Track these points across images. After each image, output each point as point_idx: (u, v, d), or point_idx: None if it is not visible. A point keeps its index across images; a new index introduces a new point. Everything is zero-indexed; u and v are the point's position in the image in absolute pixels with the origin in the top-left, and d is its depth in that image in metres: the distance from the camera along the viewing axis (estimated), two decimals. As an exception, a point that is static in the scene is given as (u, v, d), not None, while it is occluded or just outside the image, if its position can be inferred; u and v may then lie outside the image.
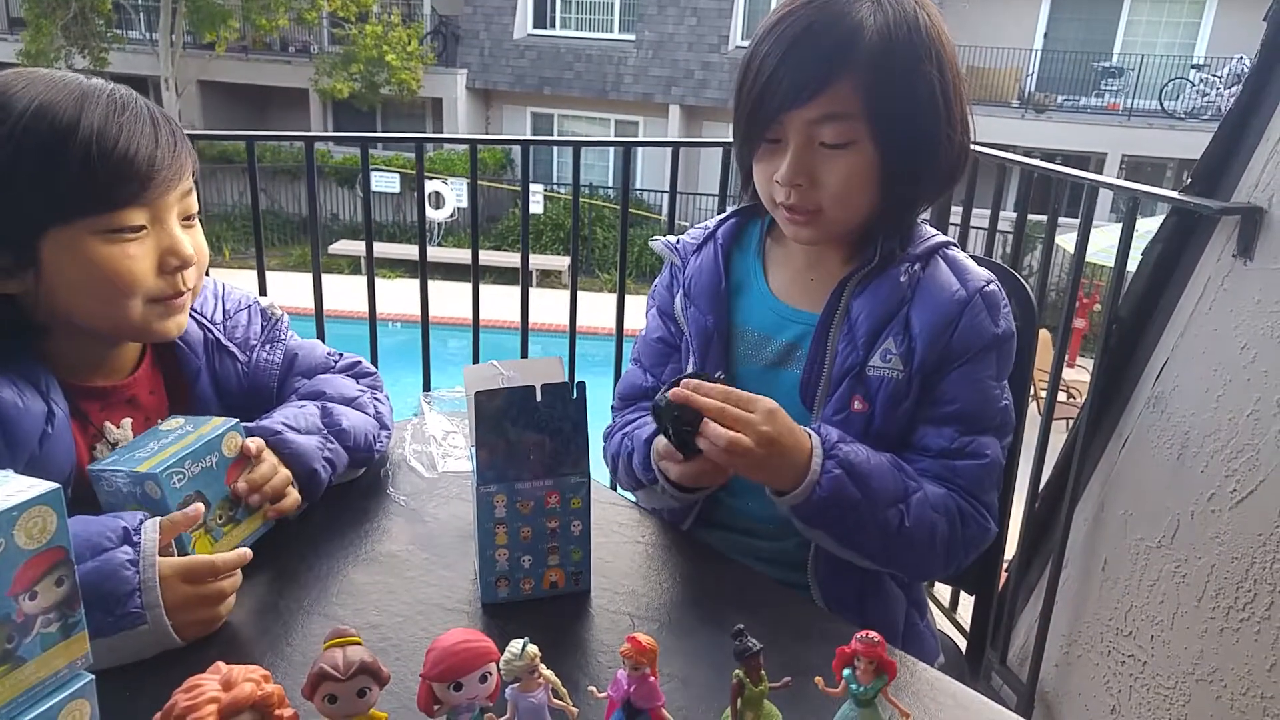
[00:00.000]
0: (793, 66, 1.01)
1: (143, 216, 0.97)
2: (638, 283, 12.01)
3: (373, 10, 14.89)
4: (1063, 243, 5.59)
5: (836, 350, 1.11)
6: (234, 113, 16.51)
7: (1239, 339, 1.61)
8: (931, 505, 1.06)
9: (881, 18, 1.01)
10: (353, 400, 1.18)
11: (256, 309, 1.22)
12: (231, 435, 0.99)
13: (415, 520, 1.11)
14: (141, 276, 0.98)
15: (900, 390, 1.09)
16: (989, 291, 1.10)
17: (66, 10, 13.56)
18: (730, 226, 1.24)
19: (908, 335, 1.08)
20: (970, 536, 1.09)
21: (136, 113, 0.96)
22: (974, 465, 1.09)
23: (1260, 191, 1.61)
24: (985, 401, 1.10)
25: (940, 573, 1.14)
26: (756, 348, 1.18)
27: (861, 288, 1.11)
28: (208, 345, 1.15)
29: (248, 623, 0.92)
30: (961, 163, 1.11)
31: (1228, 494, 1.60)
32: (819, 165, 1.05)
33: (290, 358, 1.22)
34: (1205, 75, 13.47)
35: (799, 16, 1.02)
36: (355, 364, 1.28)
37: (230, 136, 2.58)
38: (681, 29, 14.96)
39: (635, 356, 1.32)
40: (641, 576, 1.02)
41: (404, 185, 13.92)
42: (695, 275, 1.22)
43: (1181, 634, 1.69)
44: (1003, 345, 1.11)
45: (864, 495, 1.01)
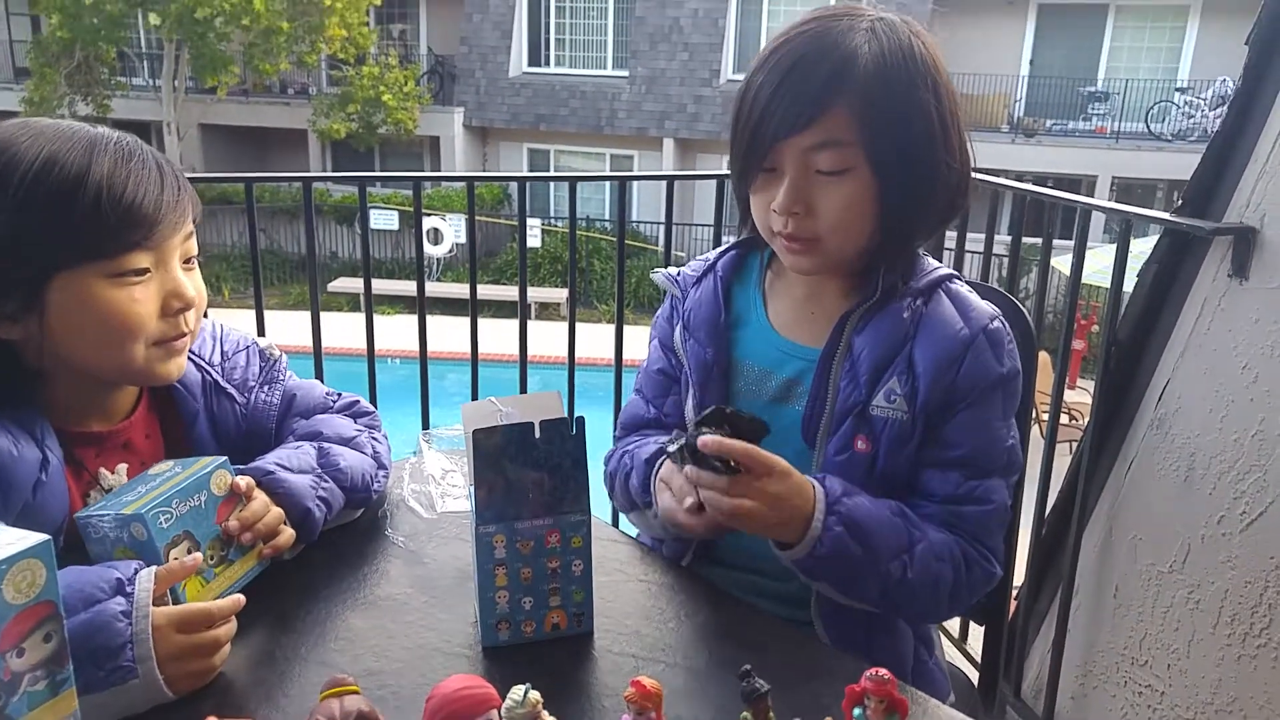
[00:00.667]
0: (787, 94, 1.01)
1: (147, 260, 0.98)
2: (636, 313, 12.04)
3: (370, 52, 15.06)
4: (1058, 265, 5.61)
5: (839, 388, 1.09)
6: (234, 154, 16.66)
7: (1239, 359, 1.60)
8: (935, 554, 1.04)
9: (876, 45, 1.01)
10: (350, 440, 1.17)
11: (255, 350, 1.22)
12: (220, 473, 0.98)
13: (414, 562, 1.10)
14: (145, 319, 0.99)
15: (905, 432, 1.07)
16: (993, 329, 1.09)
17: (71, 59, 13.77)
18: (730, 259, 1.23)
19: (911, 374, 1.07)
20: (974, 581, 1.08)
21: (143, 160, 0.98)
22: (980, 511, 1.08)
23: (1252, 211, 1.61)
24: (991, 444, 1.08)
25: (943, 618, 1.14)
26: (757, 383, 1.16)
27: (863, 323, 1.10)
28: (205, 387, 1.14)
29: (241, 672, 0.90)
30: (962, 192, 1.10)
31: (1237, 516, 1.58)
32: (815, 193, 1.04)
33: (289, 398, 1.21)
34: (1190, 97, 13.61)
35: (793, 46, 1.03)
36: (353, 403, 1.27)
37: (230, 179, 2.59)
38: (674, 64, 15.12)
39: (638, 387, 1.31)
40: (644, 616, 1.00)
41: (402, 222, 14.00)
42: (695, 308, 1.21)
43: (1199, 662, 1.67)
44: (1008, 384, 1.09)
45: (865, 551, 1.00)
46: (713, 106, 14.83)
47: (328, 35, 13.84)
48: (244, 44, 13.78)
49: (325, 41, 14.03)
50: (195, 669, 0.86)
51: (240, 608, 0.90)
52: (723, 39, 14.92)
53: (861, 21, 1.03)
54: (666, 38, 15.14)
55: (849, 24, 1.03)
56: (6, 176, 0.92)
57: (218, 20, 13.05)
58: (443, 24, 16.54)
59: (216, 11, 12.87)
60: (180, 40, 13.73)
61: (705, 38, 14.99)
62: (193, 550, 0.93)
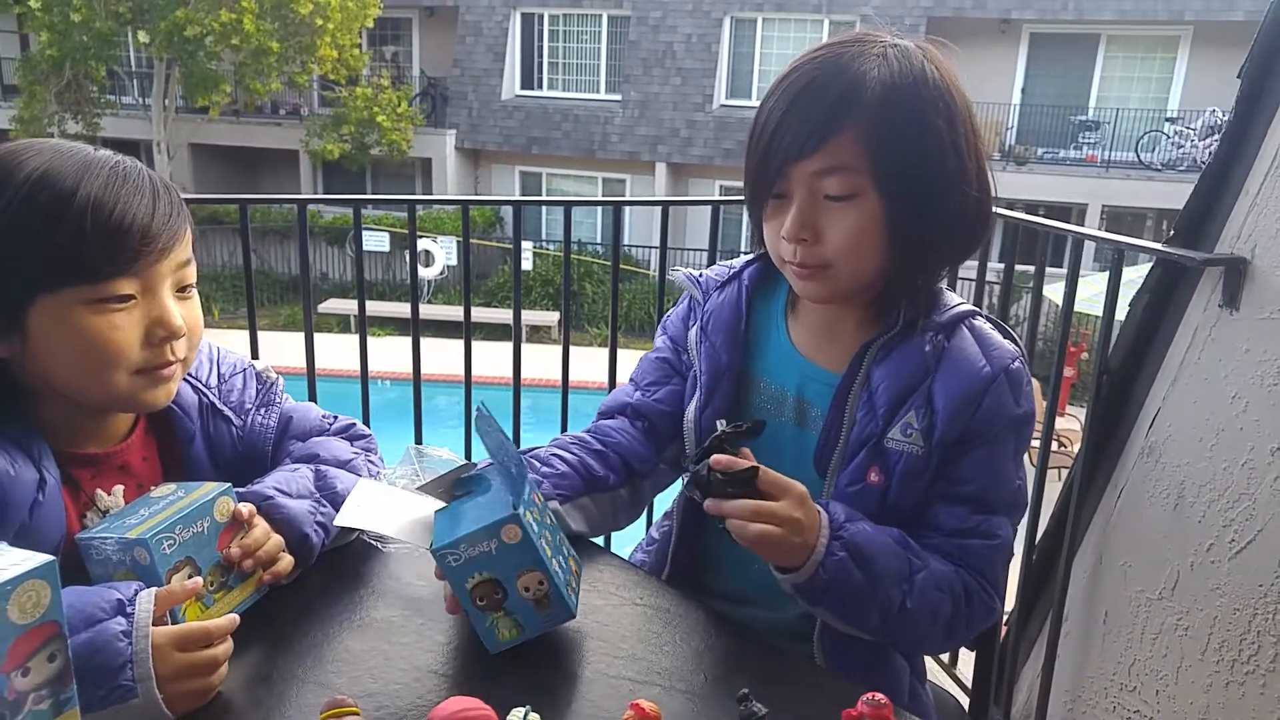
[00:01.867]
0: (795, 119, 1.00)
1: (132, 286, 0.96)
2: (627, 336, 12.05)
3: (363, 73, 15.11)
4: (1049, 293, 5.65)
5: (855, 418, 1.09)
6: (225, 174, 16.66)
7: (1229, 388, 1.61)
8: (936, 584, 1.04)
9: (885, 70, 1.00)
10: (347, 463, 1.17)
11: (251, 373, 1.22)
12: (223, 500, 0.98)
13: (409, 584, 1.10)
14: (126, 348, 0.97)
15: (919, 466, 1.07)
16: (1014, 370, 1.08)
17: (60, 77, 13.73)
18: (756, 270, 1.22)
19: (930, 410, 1.06)
20: (973, 615, 1.08)
21: (138, 185, 0.96)
22: (985, 545, 1.08)
23: (1243, 242, 1.62)
24: (1001, 482, 1.09)
25: (939, 649, 1.15)
26: (775, 402, 1.16)
27: (884, 355, 1.09)
28: (202, 410, 1.14)
29: (240, 694, 0.90)
30: (983, 222, 1.09)
31: (1226, 544, 1.59)
32: (823, 219, 1.03)
33: (285, 421, 1.21)
34: (1179, 127, 13.72)
35: (803, 72, 1.03)
36: (350, 426, 1.27)
37: (225, 200, 2.60)
38: (666, 89, 15.22)
39: (632, 376, 1.30)
40: (640, 639, 1.01)
41: (394, 244, 14.00)
42: (716, 311, 1.20)
43: (1187, 688, 1.67)
44: (1023, 426, 1.09)
45: (867, 577, 1.00)
46: (705, 131, 14.93)
47: (319, 56, 13.86)
48: (235, 63, 13.78)
49: (317, 62, 14.05)
50: (194, 688, 0.86)
51: (236, 627, 0.90)
52: (716, 64, 15.04)
53: (874, 47, 1.02)
54: (660, 62, 15.26)
55: (860, 49, 1.02)
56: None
57: (208, 39, 13.06)
58: (435, 46, 16.63)
59: (206, 30, 12.87)
60: (170, 59, 13.74)
61: (698, 63, 15.11)
62: (194, 575, 0.93)
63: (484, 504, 0.96)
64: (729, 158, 14.41)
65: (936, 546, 1.07)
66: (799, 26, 14.95)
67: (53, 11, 12.90)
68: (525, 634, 0.94)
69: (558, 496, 1.13)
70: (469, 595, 0.92)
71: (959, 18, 14.41)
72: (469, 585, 0.92)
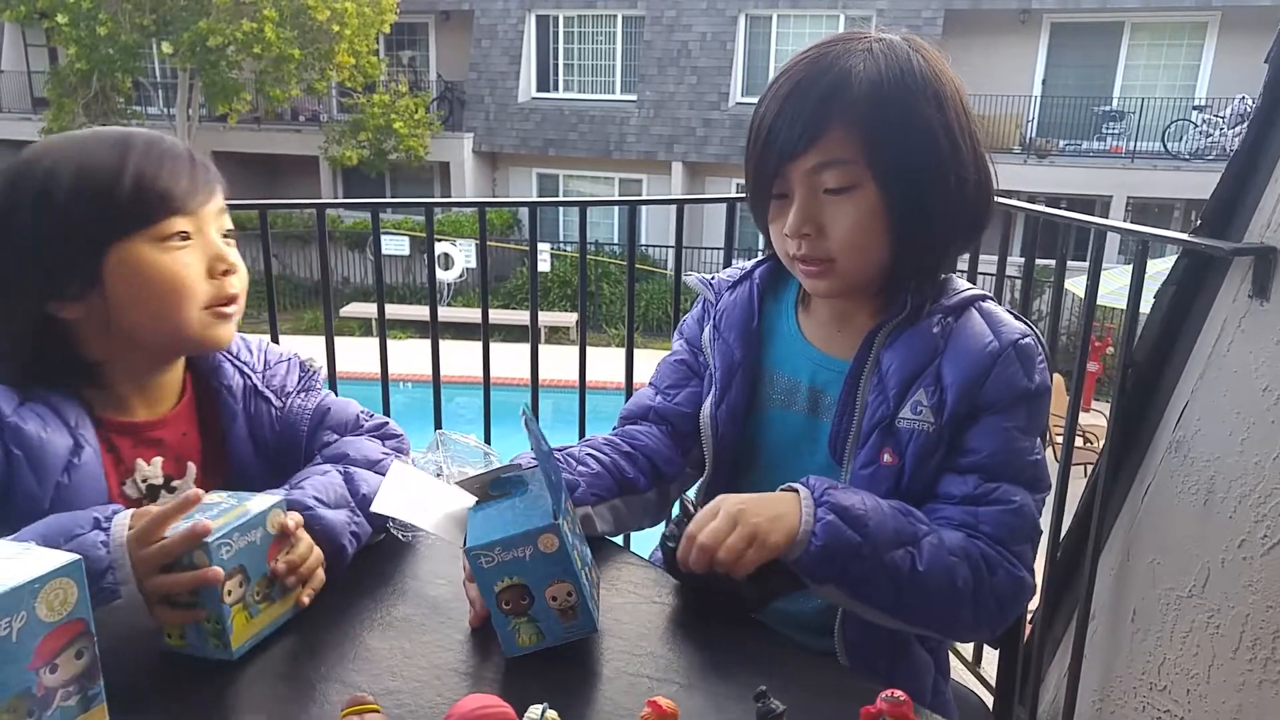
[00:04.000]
0: (787, 118, 1.03)
1: (187, 224, 1.07)
2: (645, 336, 12.06)
3: (380, 80, 15.20)
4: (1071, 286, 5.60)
5: (867, 402, 1.09)
6: (247, 181, 16.78)
7: (1260, 380, 1.58)
8: (949, 550, 1.01)
9: (872, 64, 1.03)
10: (376, 463, 1.18)
11: (296, 362, 1.29)
12: (275, 512, 0.98)
13: (429, 583, 1.10)
14: (195, 280, 1.07)
15: (931, 443, 1.06)
16: (1024, 344, 1.08)
17: (88, 90, 13.96)
18: (767, 270, 1.24)
19: (939, 387, 1.06)
20: (1000, 586, 1.03)
21: (171, 145, 1.09)
22: (999, 511, 1.05)
23: (1272, 231, 1.59)
24: (1011, 452, 1.06)
25: (975, 629, 1.08)
26: (787, 393, 1.17)
27: (892, 338, 1.10)
28: (245, 391, 1.21)
29: (263, 693, 0.90)
30: (984, 206, 1.09)
31: (1258, 540, 1.56)
32: (824, 213, 1.05)
33: (322, 411, 1.25)
34: (1208, 116, 13.47)
35: (793, 73, 1.06)
36: (383, 425, 1.29)
37: (245, 205, 2.61)
38: (682, 88, 15.22)
39: (651, 380, 1.32)
40: (659, 637, 1.00)
41: (413, 247, 14.08)
42: (728, 310, 1.22)
43: (1218, 687, 1.64)
44: (1034, 400, 1.08)
45: (863, 538, 0.98)
46: (721, 130, 14.90)
47: (337, 62, 13.98)
48: (255, 72, 13.92)
49: (335, 69, 14.17)
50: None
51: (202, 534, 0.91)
52: (731, 62, 15.01)
53: (860, 44, 1.05)
54: (675, 62, 15.25)
55: (846, 47, 1.05)
56: (55, 178, 1.01)
57: (229, 49, 13.21)
58: (452, 51, 16.70)
59: (228, 40, 13.03)
60: (194, 69, 13.90)
61: (713, 61, 15.09)
62: (244, 584, 0.94)
63: (521, 508, 0.96)
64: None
65: (949, 517, 1.05)
66: (814, 22, 14.89)
67: (80, 26, 13.11)
68: (545, 642, 0.94)
69: (592, 498, 1.14)
70: (495, 598, 0.91)
71: (977, 9, 14.28)
72: (497, 588, 0.91)
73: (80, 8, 12.92)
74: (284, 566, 0.98)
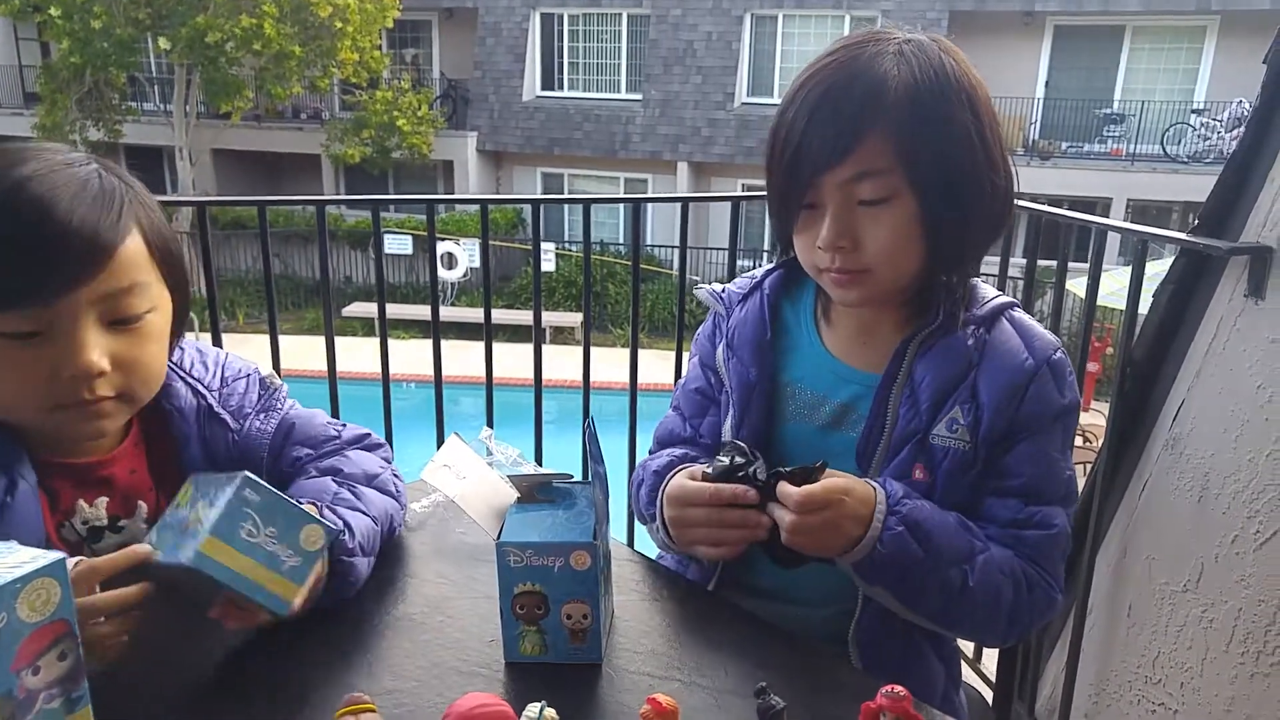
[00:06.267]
0: (820, 128, 0.98)
1: (30, 323, 0.88)
2: (650, 337, 12.05)
3: (383, 77, 15.16)
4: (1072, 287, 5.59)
5: (898, 414, 1.07)
6: (248, 179, 16.78)
7: (1254, 378, 1.60)
8: (999, 567, 1.03)
9: (906, 68, 0.98)
10: (374, 477, 1.15)
11: (256, 378, 1.19)
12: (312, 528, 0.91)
13: (428, 581, 1.10)
14: (28, 387, 0.90)
15: (966, 462, 1.06)
16: (1056, 360, 1.07)
17: (81, 85, 13.74)
18: (777, 278, 1.21)
19: (975, 404, 1.05)
20: (1036, 604, 1.06)
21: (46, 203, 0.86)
22: (1042, 535, 1.06)
23: (1269, 231, 1.61)
24: (1051, 474, 1.07)
25: (1001, 639, 1.10)
26: (810, 407, 1.14)
27: (925, 349, 1.07)
28: (200, 413, 1.11)
29: (260, 692, 0.91)
30: (1007, 209, 1.08)
31: (1251, 535, 1.57)
32: (860, 224, 1.01)
33: (287, 427, 1.18)
34: (1206, 119, 13.52)
35: (821, 78, 1.00)
36: (364, 436, 1.23)
37: (243, 202, 2.62)
38: (687, 87, 15.20)
39: (675, 404, 1.30)
40: (661, 635, 1.01)
41: (416, 247, 14.07)
42: (739, 325, 1.19)
43: (1212, 681, 1.65)
44: (1068, 416, 1.08)
45: (927, 554, 0.98)
46: (726, 130, 14.89)
47: (340, 59, 13.86)
48: (256, 69, 13.80)
49: (337, 66, 14.05)
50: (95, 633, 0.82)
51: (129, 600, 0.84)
52: (737, 62, 14.99)
53: (890, 45, 1.00)
54: (680, 61, 15.23)
55: (877, 49, 1.00)
56: None
57: (229, 45, 13.04)
58: (456, 48, 16.68)
59: (227, 36, 12.87)
60: (191, 65, 13.74)
61: (719, 61, 15.07)
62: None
63: (563, 519, 0.95)
64: (751, 156, 14.35)
65: (993, 538, 1.06)
66: (819, 23, 14.88)
67: (73, 19, 12.88)
68: (547, 657, 0.94)
69: None
70: (511, 599, 0.92)
71: (981, 11, 14.26)
72: (517, 590, 0.91)
73: (74, 1, 12.69)
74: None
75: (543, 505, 0.99)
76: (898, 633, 1.11)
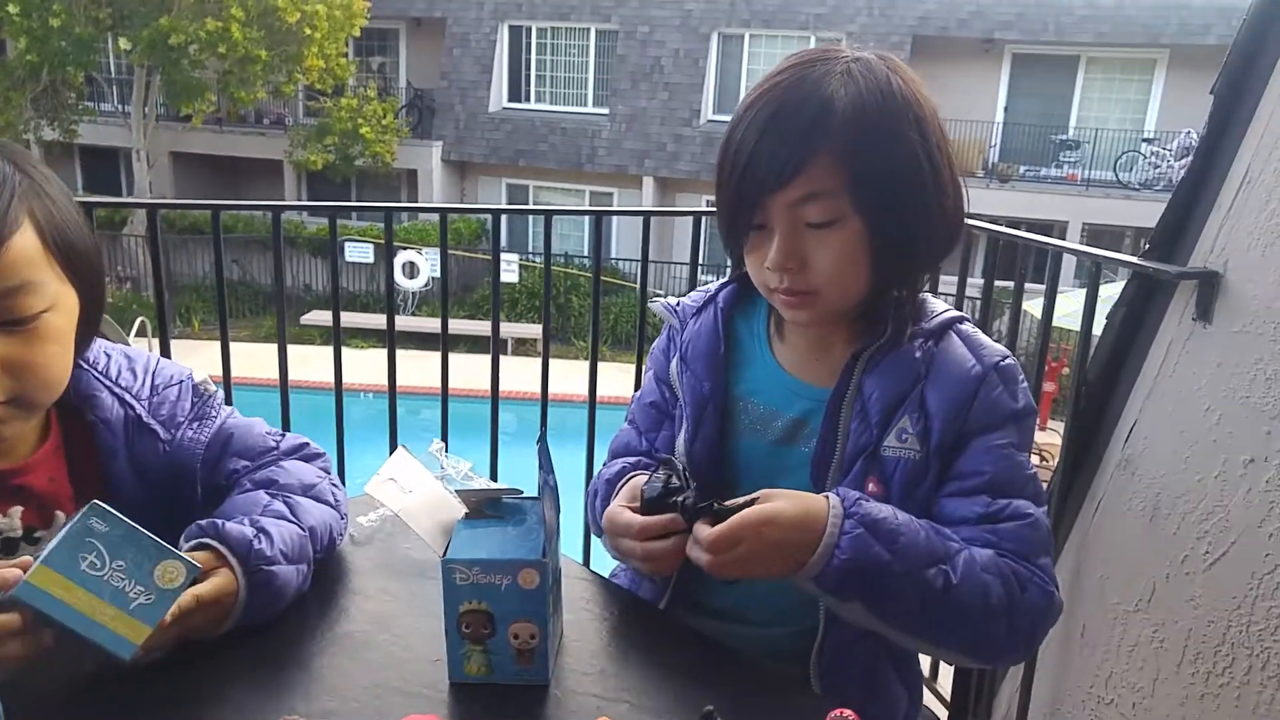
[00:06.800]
0: (768, 150, 0.98)
1: None
2: (614, 350, 12.04)
3: (349, 84, 15.06)
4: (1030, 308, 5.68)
5: (849, 429, 1.06)
6: (208, 184, 16.57)
7: (1203, 401, 1.62)
8: (983, 566, 0.97)
9: (853, 88, 0.97)
10: (311, 488, 1.11)
11: (189, 385, 1.13)
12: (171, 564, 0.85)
13: (373, 598, 1.08)
14: None
15: (918, 471, 1.04)
16: (1005, 366, 1.07)
17: (37, 83, 13.47)
18: (732, 291, 1.21)
19: (924, 414, 1.04)
20: (1033, 602, 0.99)
21: None
22: (1018, 526, 1.02)
23: (1215, 256, 1.64)
24: (1013, 468, 1.04)
25: (1010, 649, 1.03)
26: (763, 422, 1.13)
27: (873, 364, 1.07)
28: (128, 423, 1.06)
29: (191, 712, 0.87)
30: (957, 228, 1.07)
31: (1200, 556, 1.59)
32: (808, 246, 1.01)
33: (225, 437, 1.13)
34: (1156, 148, 13.98)
35: (769, 99, 0.99)
36: (302, 446, 1.18)
37: (195, 206, 2.59)
38: (654, 103, 15.28)
39: (630, 417, 1.29)
40: (609, 655, 0.99)
41: (377, 255, 13.94)
42: (693, 339, 1.18)
43: (1163, 700, 1.67)
44: (1022, 419, 1.06)
45: (893, 555, 0.94)
46: (692, 146, 14.98)
47: (306, 65, 13.75)
48: (219, 72, 13.63)
49: (303, 72, 13.95)
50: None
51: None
52: (703, 79, 15.10)
53: (837, 65, 1.00)
54: (647, 77, 15.31)
55: (824, 69, 0.99)
56: None
57: (192, 47, 12.84)
58: (423, 58, 16.63)
59: (191, 39, 12.68)
60: (152, 66, 13.53)
61: (686, 77, 15.17)
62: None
63: (512, 535, 0.93)
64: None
65: (970, 538, 1.02)
66: (786, 43, 15.04)
67: (31, 16, 12.59)
68: (493, 678, 0.91)
69: None
70: (457, 618, 0.90)
71: (943, 37, 14.54)
72: (462, 608, 0.89)
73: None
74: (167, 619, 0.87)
75: (491, 521, 0.97)
76: (862, 656, 1.10)
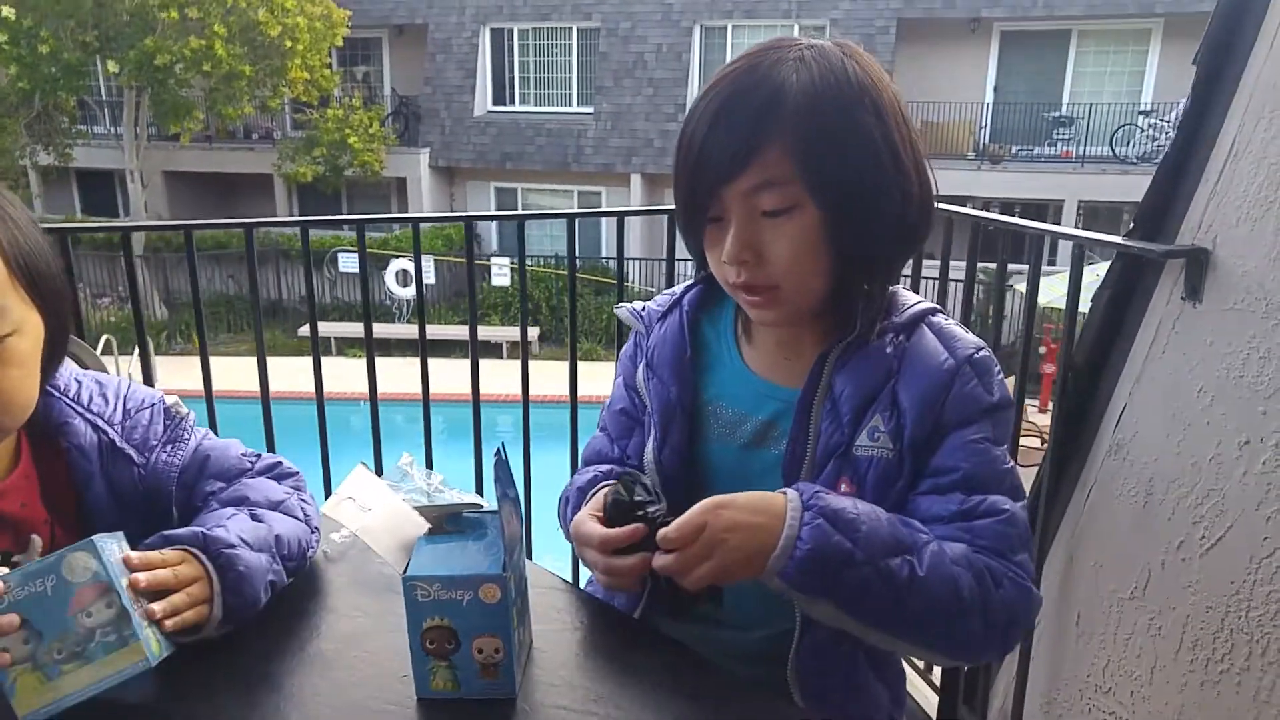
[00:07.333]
0: (720, 139, 0.96)
1: None
2: (607, 349, 12.02)
3: (334, 95, 15.06)
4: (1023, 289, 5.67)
5: (820, 429, 1.03)
6: (201, 201, 16.57)
7: (1195, 383, 1.58)
8: (952, 559, 0.95)
9: (805, 74, 0.95)
10: (279, 504, 1.10)
11: (160, 408, 1.14)
12: (77, 556, 0.87)
13: (345, 616, 1.06)
14: None
15: (891, 470, 1.01)
16: (979, 359, 1.03)
17: (30, 110, 13.60)
18: (697, 294, 1.18)
19: (896, 411, 1.01)
20: (1009, 598, 0.97)
21: None
22: (992, 523, 0.99)
23: (1204, 233, 1.60)
24: (988, 463, 1.01)
25: (985, 644, 1.00)
26: (732, 426, 1.10)
27: (843, 362, 1.04)
28: (102, 448, 1.06)
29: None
30: (925, 215, 1.03)
31: (1196, 541, 1.56)
32: (763, 237, 0.98)
33: (201, 459, 1.13)
34: (1154, 120, 13.74)
35: (721, 89, 0.97)
36: (276, 465, 1.19)
37: (167, 227, 2.61)
38: (639, 100, 15.25)
39: (602, 424, 1.26)
40: (580, 666, 0.97)
41: (370, 264, 13.93)
42: (659, 344, 1.15)
43: (1161, 689, 1.64)
44: (998, 413, 1.03)
45: (854, 544, 0.91)
46: (679, 141, 14.97)
47: (290, 78, 13.78)
48: (206, 89, 13.68)
49: (288, 85, 13.98)
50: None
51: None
52: (687, 74, 15.07)
53: (790, 52, 0.97)
54: (631, 73, 15.28)
55: (776, 56, 0.97)
56: None
57: (178, 67, 12.92)
58: (406, 65, 16.61)
59: (176, 58, 12.75)
60: (141, 87, 13.61)
61: (669, 73, 15.13)
62: (31, 641, 0.84)
63: (473, 550, 0.92)
64: (704, 167, 14.43)
65: (945, 535, 0.99)
66: (769, 33, 14.97)
67: (20, 44, 12.71)
68: (459, 693, 0.90)
69: None
70: (421, 634, 0.88)
71: (929, 18, 14.47)
72: (425, 625, 0.87)
73: (20, 26, 12.52)
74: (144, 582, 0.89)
75: (452, 536, 0.95)
76: (839, 656, 1.07)
